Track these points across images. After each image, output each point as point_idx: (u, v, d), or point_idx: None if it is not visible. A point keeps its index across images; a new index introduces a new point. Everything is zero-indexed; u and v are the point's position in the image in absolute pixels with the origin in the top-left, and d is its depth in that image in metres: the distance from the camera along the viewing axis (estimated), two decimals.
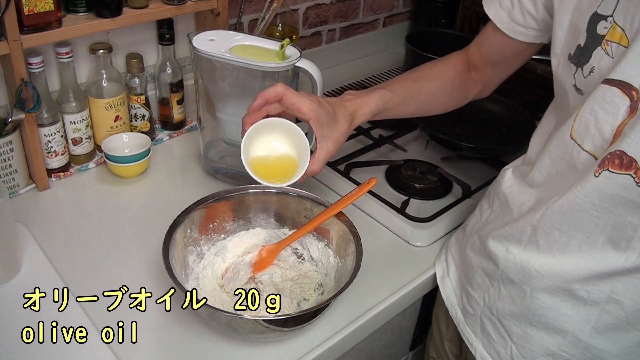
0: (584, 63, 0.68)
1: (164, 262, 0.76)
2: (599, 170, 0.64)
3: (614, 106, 0.63)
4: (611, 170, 0.63)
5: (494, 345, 0.82)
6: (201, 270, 0.87)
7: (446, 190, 1.11)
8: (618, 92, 0.63)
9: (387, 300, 0.88)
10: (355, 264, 0.79)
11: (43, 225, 0.97)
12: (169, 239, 0.80)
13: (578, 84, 0.69)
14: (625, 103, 0.62)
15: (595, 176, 0.64)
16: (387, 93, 0.89)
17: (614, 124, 0.64)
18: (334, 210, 0.85)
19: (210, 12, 1.16)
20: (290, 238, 0.87)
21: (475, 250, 0.84)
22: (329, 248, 0.89)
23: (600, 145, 0.65)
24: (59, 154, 1.06)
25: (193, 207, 0.86)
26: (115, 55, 1.14)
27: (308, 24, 1.54)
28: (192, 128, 1.27)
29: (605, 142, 0.65)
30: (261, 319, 0.72)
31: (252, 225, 0.93)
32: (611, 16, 0.64)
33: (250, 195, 0.91)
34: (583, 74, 0.68)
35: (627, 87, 0.62)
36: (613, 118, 0.63)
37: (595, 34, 0.66)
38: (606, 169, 0.64)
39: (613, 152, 0.63)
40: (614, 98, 0.63)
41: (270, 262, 0.87)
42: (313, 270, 0.89)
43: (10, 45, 0.89)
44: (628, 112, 0.62)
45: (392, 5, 1.75)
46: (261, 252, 0.87)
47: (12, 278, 0.86)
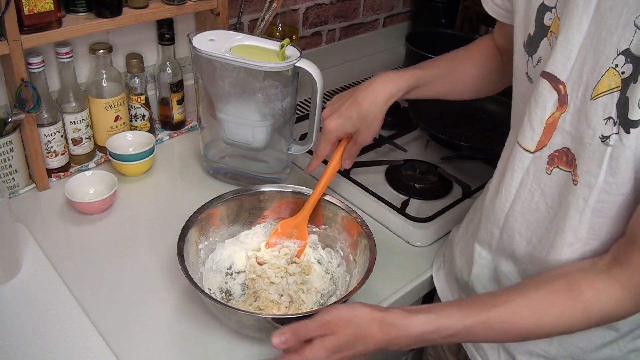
0: (533, 52, 0.68)
1: (179, 260, 0.77)
2: (550, 168, 0.65)
3: (543, 99, 0.64)
4: (560, 168, 0.64)
5: (481, 344, 0.82)
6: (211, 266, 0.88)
7: (446, 190, 1.11)
8: (547, 85, 0.63)
9: (387, 300, 0.88)
10: (370, 260, 0.80)
11: (43, 225, 0.97)
12: (183, 237, 0.81)
13: (529, 72, 0.70)
14: (553, 97, 0.63)
15: (548, 174, 0.65)
16: (419, 71, 0.89)
17: (542, 117, 0.64)
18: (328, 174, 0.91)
19: (210, 12, 1.16)
20: (306, 207, 0.90)
21: (461, 251, 0.86)
22: (335, 250, 0.91)
23: (531, 137, 0.66)
24: (59, 154, 1.06)
25: (208, 205, 0.87)
26: (115, 55, 1.14)
27: (308, 24, 1.54)
28: (192, 128, 1.27)
29: (535, 135, 0.66)
30: (270, 316, 0.74)
31: (267, 221, 0.94)
32: (554, 7, 0.64)
33: (266, 193, 0.92)
34: (532, 63, 0.68)
35: (555, 80, 0.62)
36: (541, 111, 0.64)
37: (542, 25, 0.66)
38: (556, 166, 0.64)
39: (560, 150, 0.63)
40: (543, 91, 0.64)
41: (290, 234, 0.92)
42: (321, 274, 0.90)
43: (10, 45, 0.89)
44: (557, 106, 0.62)
45: (392, 5, 1.75)
46: (278, 228, 0.91)
47: (12, 278, 0.86)
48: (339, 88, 1.49)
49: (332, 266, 0.90)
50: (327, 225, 0.92)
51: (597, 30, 0.58)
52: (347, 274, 0.87)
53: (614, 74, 0.57)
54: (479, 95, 0.95)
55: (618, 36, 0.56)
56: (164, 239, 0.92)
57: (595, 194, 0.61)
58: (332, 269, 0.90)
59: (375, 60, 1.70)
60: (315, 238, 0.93)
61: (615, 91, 0.57)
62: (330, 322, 0.65)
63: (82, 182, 1.03)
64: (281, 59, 0.95)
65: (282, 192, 0.92)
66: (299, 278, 0.87)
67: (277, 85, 0.98)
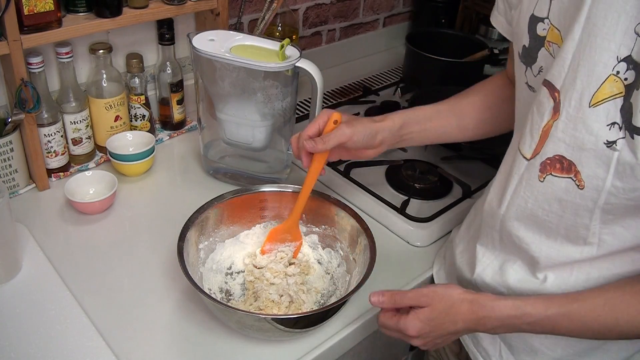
0: (531, 63, 0.69)
1: (179, 260, 0.77)
2: (542, 176, 0.65)
3: (542, 107, 0.64)
4: (554, 175, 0.65)
5: (482, 343, 0.83)
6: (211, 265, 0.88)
7: (446, 190, 1.11)
8: (546, 93, 0.64)
9: None
10: (370, 260, 0.80)
11: (43, 225, 0.97)
12: (183, 237, 0.81)
13: (529, 81, 0.70)
14: (550, 104, 0.63)
15: (540, 181, 0.66)
16: (416, 108, 0.87)
17: (540, 125, 0.65)
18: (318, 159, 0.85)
19: (210, 12, 1.16)
20: (295, 208, 0.88)
21: (462, 251, 0.86)
22: (335, 250, 0.91)
23: (529, 145, 0.67)
24: (59, 154, 1.06)
25: (208, 205, 0.87)
26: (115, 55, 1.14)
27: (308, 24, 1.54)
28: (192, 128, 1.27)
29: (533, 142, 0.66)
30: (270, 316, 0.74)
31: (267, 221, 0.94)
32: (547, 18, 0.65)
33: (266, 193, 0.92)
34: (533, 72, 0.69)
35: (552, 88, 0.63)
36: (540, 119, 0.65)
37: (536, 35, 0.67)
38: (549, 174, 0.65)
39: (553, 157, 0.64)
40: (543, 99, 0.64)
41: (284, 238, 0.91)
42: (321, 274, 0.90)
43: (10, 45, 0.89)
44: (552, 114, 0.63)
45: (392, 5, 1.75)
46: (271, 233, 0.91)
47: (12, 278, 0.86)
48: (339, 88, 1.49)
49: (332, 266, 0.90)
50: (327, 225, 0.92)
51: (589, 38, 0.58)
52: (347, 274, 0.87)
53: (616, 81, 0.57)
54: (493, 129, 0.90)
55: (617, 43, 0.56)
56: (164, 239, 0.92)
57: (604, 197, 0.62)
58: (332, 269, 0.90)
59: (375, 60, 1.70)
60: (315, 238, 0.93)
61: (618, 97, 0.57)
62: (427, 295, 0.71)
63: (82, 182, 1.03)
64: (281, 59, 0.95)
65: (282, 192, 0.92)
66: (299, 278, 0.87)
67: (277, 85, 0.98)
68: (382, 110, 1.34)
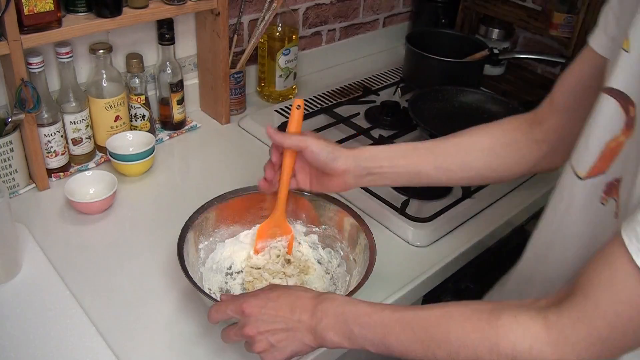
0: None
1: (179, 260, 0.77)
2: (605, 198, 0.57)
3: (606, 119, 0.57)
4: (615, 199, 0.56)
5: None
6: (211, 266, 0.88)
7: (446, 190, 1.11)
8: (614, 103, 0.56)
9: (387, 300, 0.88)
10: (370, 260, 0.80)
11: (43, 225, 0.97)
12: (183, 237, 0.81)
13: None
14: (621, 118, 0.55)
15: (603, 204, 0.57)
16: (393, 144, 0.82)
17: (603, 140, 0.57)
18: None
19: (210, 12, 1.16)
20: (280, 200, 0.87)
21: None
22: (335, 250, 0.91)
23: (585, 160, 0.59)
24: (59, 154, 1.06)
25: (208, 205, 0.87)
26: (115, 55, 1.14)
27: (308, 24, 1.54)
28: (192, 128, 1.27)
29: (591, 156, 0.58)
30: None
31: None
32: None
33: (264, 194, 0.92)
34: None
35: (625, 99, 0.55)
36: (604, 133, 0.57)
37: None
38: (612, 198, 0.57)
39: (614, 179, 0.56)
40: (608, 110, 0.57)
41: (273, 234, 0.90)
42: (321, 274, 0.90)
43: (10, 45, 0.89)
44: (622, 129, 0.55)
45: (392, 5, 1.75)
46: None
47: (12, 278, 0.86)
48: (339, 88, 1.49)
49: (332, 266, 0.90)
50: (327, 225, 0.92)
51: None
52: (347, 274, 0.87)
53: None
54: (499, 180, 0.82)
55: None
56: (164, 239, 0.92)
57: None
58: (332, 269, 0.90)
59: (375, 60, 1.70)
60: (315, 238, 0.93)
61: None
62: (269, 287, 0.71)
63: (82, 182, 1.03)
64: None
65: None
66: (298, 279, 0.87)
67: None
68: (382, 110, 1.33)
